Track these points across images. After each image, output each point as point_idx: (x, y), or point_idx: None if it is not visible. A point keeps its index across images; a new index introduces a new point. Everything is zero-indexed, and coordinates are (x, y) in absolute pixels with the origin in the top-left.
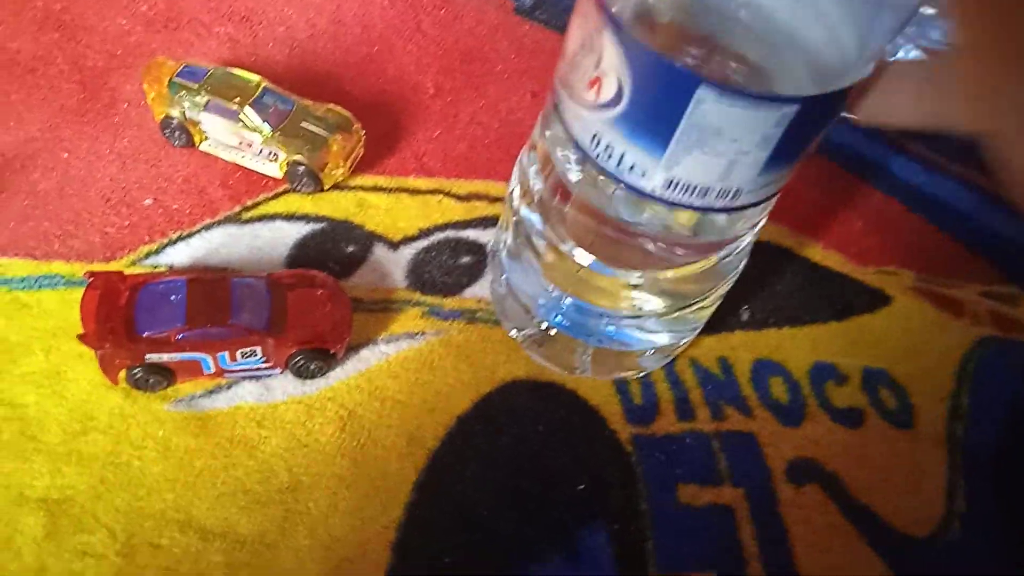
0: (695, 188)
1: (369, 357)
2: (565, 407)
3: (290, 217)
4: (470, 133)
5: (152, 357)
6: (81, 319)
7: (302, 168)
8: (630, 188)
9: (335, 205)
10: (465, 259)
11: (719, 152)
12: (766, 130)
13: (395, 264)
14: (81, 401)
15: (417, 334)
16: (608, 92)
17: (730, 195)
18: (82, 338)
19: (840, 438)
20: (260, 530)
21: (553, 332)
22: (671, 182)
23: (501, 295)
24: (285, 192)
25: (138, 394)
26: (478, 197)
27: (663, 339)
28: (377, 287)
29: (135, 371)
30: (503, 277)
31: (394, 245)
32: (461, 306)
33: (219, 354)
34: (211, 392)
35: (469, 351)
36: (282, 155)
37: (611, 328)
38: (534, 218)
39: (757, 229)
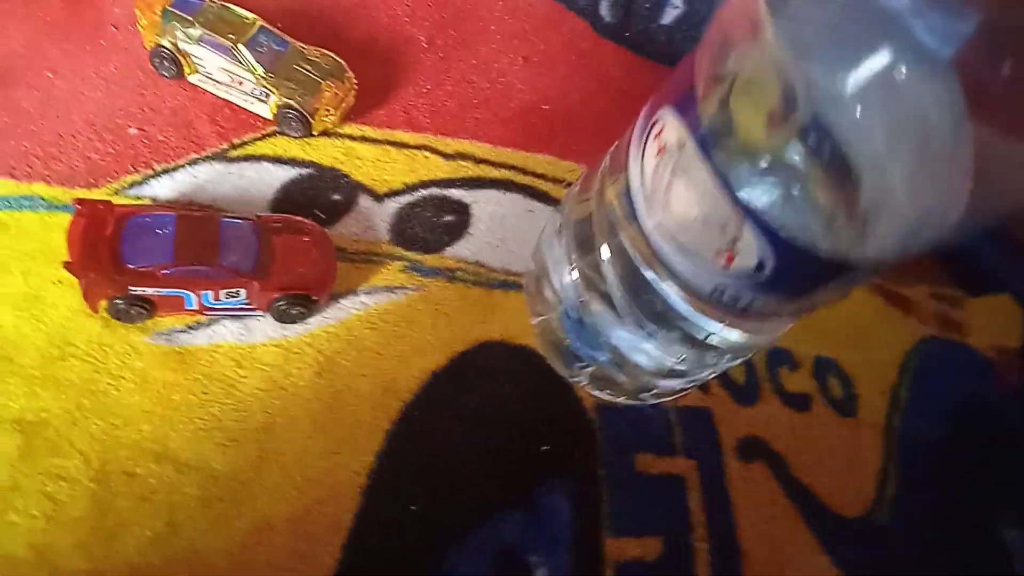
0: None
1: (349, 306)
2: (535, 371)
3: (277, 160)
4: (460, 91)
5: (136, 289)
6: (67, 246)
7: (293, 112)
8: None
9: (322, 152)
10: (448, 217)
11: None
12: None
13: (379, 216)
14: (59, 327)
15: (397, 288)
16: (745, 264)
17: None
18: (67, 266)
19: (788, 420)
20: (235, 467)
21: (554, 323)
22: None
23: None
24: (273, 134)
25: (117, 324)
26: (464, 156)
27: (673, 384)
28: (360, 238)
29: (117, 302)
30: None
31: (379, 197)
32: (442, 264)
33: (203, 292)
34: (191, 328)
35: (447, 309)
36: (273, 96)
37: (621, 345)
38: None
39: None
